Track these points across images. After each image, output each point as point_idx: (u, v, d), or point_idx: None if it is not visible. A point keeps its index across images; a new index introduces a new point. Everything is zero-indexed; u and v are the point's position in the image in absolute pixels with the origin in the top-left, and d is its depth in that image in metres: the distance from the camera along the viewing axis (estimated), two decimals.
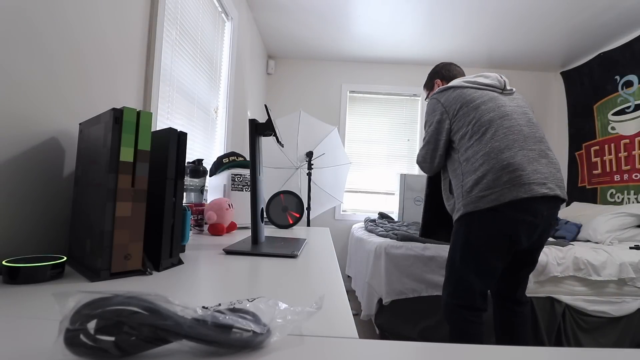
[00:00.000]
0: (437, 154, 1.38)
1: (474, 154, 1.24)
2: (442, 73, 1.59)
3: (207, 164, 1.31)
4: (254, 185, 0.85)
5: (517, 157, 1.17)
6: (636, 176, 2.72)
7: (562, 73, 3.58)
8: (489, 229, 1.20)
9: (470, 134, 1.27)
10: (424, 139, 1.43)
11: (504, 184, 1.15)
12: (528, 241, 1.21)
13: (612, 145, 2.95)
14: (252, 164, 0.85)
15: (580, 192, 3.30)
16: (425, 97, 1.68)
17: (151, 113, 0.56)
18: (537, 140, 1.23)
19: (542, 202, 1.16)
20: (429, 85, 1.64)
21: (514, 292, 1.36)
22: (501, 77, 1.39)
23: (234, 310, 0.30)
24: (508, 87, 1.38)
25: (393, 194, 3.46)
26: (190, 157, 1.57)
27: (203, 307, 0.29)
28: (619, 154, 2.88)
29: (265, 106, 0.90)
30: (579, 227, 2.59)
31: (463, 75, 1.58)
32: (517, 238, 1.18)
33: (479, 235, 1.22)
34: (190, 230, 0.99)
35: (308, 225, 2.58)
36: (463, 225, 1.26)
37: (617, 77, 2.89)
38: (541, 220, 1.17)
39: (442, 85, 1.56)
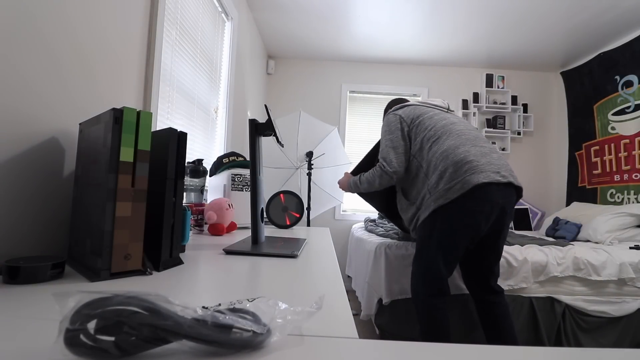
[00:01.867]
0: (405, 157, 1.52)
1: (433, 154, 1.41)
2: (397, 102, 1.82)
3: (207, 164, 1.31)
4: (254, 185, 0.85)
5: (471, 151, 1.35)
6: (636, 176, 2.72)
7: (562, 73, 3.58)
8: (455, 220, 1.34)
9: (427, 137, 1.46)
10: (386, 146, 1.54)
11: (465, 173, 1.30)
12: (486, 227, 1.35)
13: (612, 145, 2.95)
14: (252, 164, 0.85)
15: (580, 192, 3.30)
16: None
17: (151, 113, 0.56)
18: (484, 141, 1.44)
19: (497, 189, 1.31)
20: (385, 112, 1.85)
21: (487, 282, 1.49)
22: (444, 100, 1.70)
23: (234, 310, 0.30)
24: (451, 108, 1.68)
25: None
26: (190, 157, 1.57)
27: (203, 307, 0.29)
28: (619, 154, 2.88)
29: (265, 106, 0.90)
30: (579, 227, 2.59)
31: None
32: (478, 225, 1.33)
33: (447, 226, 1.36)
34: (190, 230, 0.99)
35: (308, 225, 2.58)
36: (434, 219, 1.37)
37: (617, 77, 2.89)
38: (497, 207, 1.32)
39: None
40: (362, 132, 3.61)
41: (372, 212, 3.41)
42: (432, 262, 1.38)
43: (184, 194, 1.12)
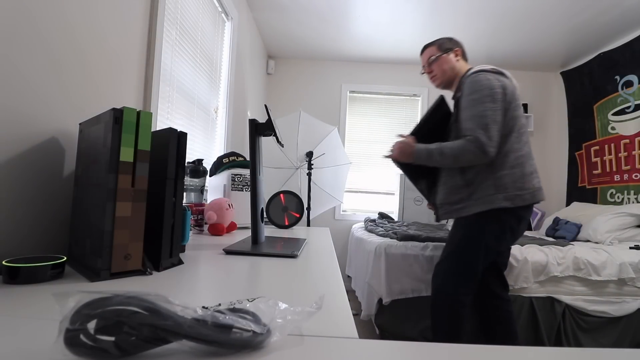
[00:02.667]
0: (500, 135, 1.26)
1: (515, 151, 1.29)
2: (463, 50, 1.51)
3: (207, 164, 1.31)
4: (254, 185, 0.85)
5: (535, 165, 1.35)
6: (636, 176, 2.72)
7: (562, 73, 3.58)
8: (508, 225, 1.30)
9: (517, 128, 1.30)
10: (487, 116, 1.22)
11: (535, 185, 1.29)
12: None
13: (612, 145, 2.95)
14: (252, 164, 0.85)
15: (580, 192, 3.30)
16: (433, 56, 1.48)
17: (151, 113, 0.56)
18: None
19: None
20: (445, 47, 1.47)
21: (502, 288, 1.52)
22: None
23: (234, 310, 0.30)
24: None
25: (393, 194, 3.46)
26: (190, 157, 1.57)
27: (203, 307, 0.29)
28: (619, 154, 2.88)
29: (265, 106, 0.90)
30: (579, 227, 2.59)
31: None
32: (519, 235, 1.35)
33: (497, 229, 1.30)
34: (190, 230, 0.99)
35: (308, 225, 2.58)
36: (487, 218, 1.28)
37: (617, 77, 2.89)
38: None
39: (462, 58, 1.49)
40: (362, 132, 3.61)
41: (372, 212, 3.41)
42: (473, 263, 1.33)
43: (184, 194, 1.12)
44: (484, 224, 1.30)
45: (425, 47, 1.52)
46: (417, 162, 1.35)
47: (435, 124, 1.45)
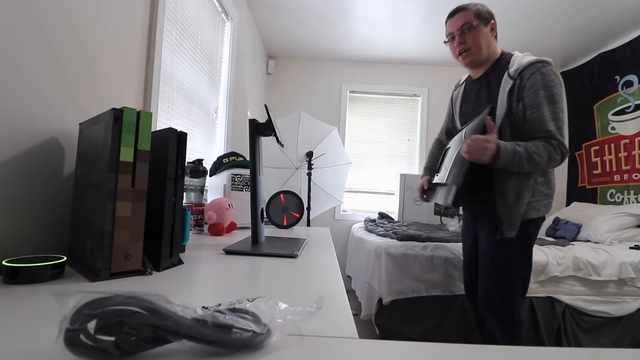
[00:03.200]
0: None
1: None
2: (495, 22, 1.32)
3: (207, 164, 1.31)
4: (254, 185, 0.85)
5: None
6: (636, 176, 2.72)
7: (562, 73, 3.58)
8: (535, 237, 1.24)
9: None
10: (559, 119, 1.10)
11: (552, 197, 1.21)
12: None
13: (612, 145, 2.95)
14: (252, 164, 0.85)
15: (580, 192, 3.30)
16: (469, 24, 1.23)
17: (151, 113, 0.56)
18: None
19: None
20: (484, 16, 1.25)
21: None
22: None
23: (234, 310, 0.30)
24: None
25: (393, 194, 3.46)
26: (190, 157, 1.57)
27: (203, 307, 0.29)
28: (619, 154, 2.88)
29: (265, 106, 0.90)
30: (579, 227, 2.59)
31: None
32: None
33: (533, 243, 1.25)
34: (190, 230, 0.99)
35: (308, 225, 2.58)
36: (536, 226, 1.21)
37: (617, 77, 2.89)
38: None
39: (495, 28, 1.30)
40: (362, 132, 3.61)
41: (372, 212, 3.40)
42: (528, 277, 1.23)
43: (184, 194, 1.12)
44: (533, 229, 1.21)
45: (458, 9, 1.25)
46: (498, 164, 1.07)
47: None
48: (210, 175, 1.38)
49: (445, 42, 1.30)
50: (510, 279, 1.21)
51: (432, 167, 1.55)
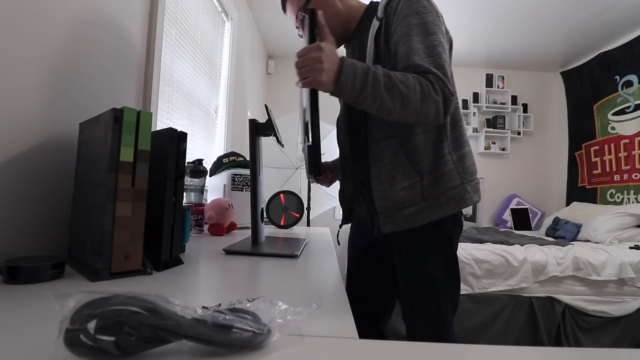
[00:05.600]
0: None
1: (460, 121, 0.84)
2: None
3: (207, 164, 1.31)
4: (254, 185, 0.85)
5: None
6: (636, 176, 2.72)
7: (562, 73, 3.58)
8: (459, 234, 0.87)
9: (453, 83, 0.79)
10: (438, 45, 0.75)
11: (476, 175, 0.86)
12: None
13: (612, 145, 2.95)
14: (252, 164, 0.85)
15: (580, 192, 3.30)
16: (306, 5, 0.88)
17: (151, 113, 0.56)
18: None
19: None
20: None
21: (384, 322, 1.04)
22: None
23: (234, 310, 0.30)
24: None
25: None
26: (190, 157, 1.57)
27: (203, 307, 0.29)
28: (619, 154, 2.88)
29: (266, 106, 0.90)
30: (578, 227, 2.59)
31: None
32: None
33: (457, 236, 0.85)
34: (190, 230, 0.99)
35: (308, 225, 2.58)
36: (455, 223, 0.83)
37: (617, 77, 2.89)
38: None
39: None
40: None
41: None
42: (458, 291, 0.85)
43: (184, 194, 1.12)
44: (453, 228, 0.82)
45: (283, 1, 0.95)
46: (345, 90, 0.68)
47: None
48: (210, 175, 1.38)
49: (301, 37, 0.95)
50: (429, 303, 0.85)
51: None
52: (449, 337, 0.80)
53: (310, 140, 0.73)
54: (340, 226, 1.10)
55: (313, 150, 0.72)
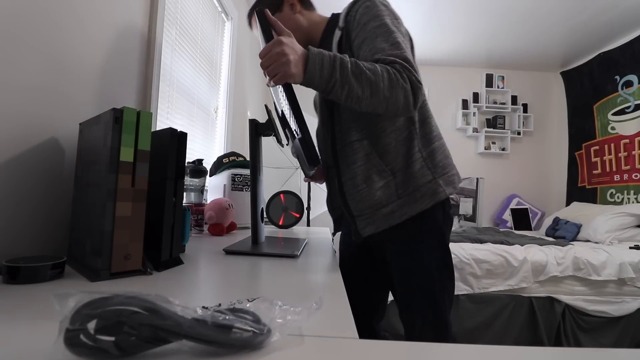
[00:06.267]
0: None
1: (429, 118, 0.85)
2: None
3: (207, 164, 1.31)
4: (254, 185, 0.85)
5: None
6: (636, 176, 2.72)
7: (562, 73, 3.58)
8: (451, 220, 0.88)
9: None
10: (398, 36, 0.76)
11: (454, 166, 0.87)
12: None
13: (612, 145, 2.95)
14: (252, 164, 0.85)
15: (580, 192, 3.30)
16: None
17: (151, 113, 0.56)
18: None
19: None
20: (269, 5, 0.96)
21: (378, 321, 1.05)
22: None
23: (234, 311, 0.30)
24: None
25: None
26: (190, 157, 1.57)
27: (203, 307, 0.29)
28: (619, 154, 2.88)
29: (266, 106, 0.90)
30: (578, 227, 2.59)
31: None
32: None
33: (449, 231, 0.86)
34: (190, 230, 0.99)
35: (308, 225, 2.58)
36: (439, 214, 0.83)
37: (617, 77, 2.90)
38: None
39: (302, 7, 0.97)
40: None
41: None
42: (453, 285, 0.86)
43: (184, 194, 1.12)
44: (441, 220, 0.83)
45: (251, 13, 1.03)
46: (314, 79, 0.66)
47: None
48: (210, 175, 1.38)
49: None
50: (432, 288, 0.87)
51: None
52: (447, 332, 0.81)
53: (299, 133, 0.73)
54: (333, 234, 1.10)
55: (305, 142, 0.72)
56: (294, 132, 0.78)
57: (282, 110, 0.88)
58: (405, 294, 0.84)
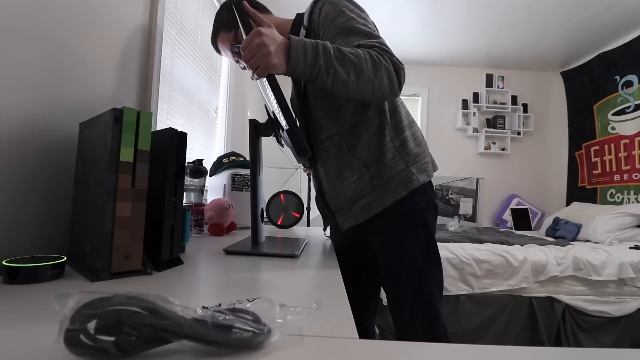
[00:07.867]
0: None
1: (399, 107, 0.86)
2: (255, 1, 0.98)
3: (207, 164, 1.31)
4: (254, 185, 0.85)
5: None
6: (636, 176, 2.72)
7: (562, 73, 3.58)
8: (433, 204, 0.87)
9: None
10: (370, 28, 0.78)
11: (427, 152, 0.88)
12: None
13: (612, 145, 2.95)
14: (252, 164, 0.85)
15: (580, 192, 3.30)
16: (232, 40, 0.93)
17: (151, 113, 0.56)
18: None
19: None
20: (227, 21, 0.94)
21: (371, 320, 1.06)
22: None
23: (234, 311, 0.30)
24: None
25: None
26: (190, 157, 1.57)
27: (203, 307, 0.29)
28: (619, 154, 2.88)
29: (265, 106, 0.90)
30: (579, 227, 2.59)
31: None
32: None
33: (433, 218, 0.86)
34: (190, 230, 0.99)
35: (308, 225, 2.58)
36: (422, 204, 0.83)
37: (617, 77, 2.90)
38: None
39: (261, 12, 0.97)
40: None
41: None
42: (441, 274, 0.86)
43: (184, 194, 1.12)
44: (425, 215, 0.83)
45: (212, 42, 1.00)
46: (299, 68, 0.65)
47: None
48: (210, 175, 1.38)
49: (244, 69, 0.91)
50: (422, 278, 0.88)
51: None
52: (437, 321, 0.80)
53: (286, 124, 0.72)
54: (324, 229, 1.12)
55: (292, 133, 0.71)
56: (281, 125, 0.79)
57: (271, 104, 0.86)
58: (392, 284, 0.84)
